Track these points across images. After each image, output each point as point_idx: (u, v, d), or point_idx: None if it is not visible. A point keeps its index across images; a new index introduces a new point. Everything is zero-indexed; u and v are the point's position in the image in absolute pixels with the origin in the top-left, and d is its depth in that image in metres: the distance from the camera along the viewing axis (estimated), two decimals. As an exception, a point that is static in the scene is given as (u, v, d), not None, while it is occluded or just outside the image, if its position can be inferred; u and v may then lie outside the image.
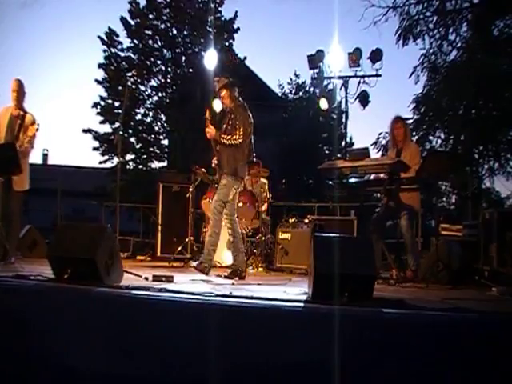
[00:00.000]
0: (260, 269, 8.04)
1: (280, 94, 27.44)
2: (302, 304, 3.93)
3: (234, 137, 6.47)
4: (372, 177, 6.88)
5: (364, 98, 11.53)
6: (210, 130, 6.61)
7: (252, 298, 4.02)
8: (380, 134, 15.74)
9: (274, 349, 3.45)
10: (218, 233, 6.58)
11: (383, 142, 15.21)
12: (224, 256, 8.22)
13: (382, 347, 3.28)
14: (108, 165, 22.17)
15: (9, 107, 6.90)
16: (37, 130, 6.72)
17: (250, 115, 6.73)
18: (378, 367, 3.25)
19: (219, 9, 23.18)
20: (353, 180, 6.89)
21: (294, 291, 4.93)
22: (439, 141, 16.40)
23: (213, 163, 6.90)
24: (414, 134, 14.61)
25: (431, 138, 16.37)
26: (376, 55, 11.13)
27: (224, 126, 6.68)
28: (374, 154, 14.16)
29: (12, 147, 6.49)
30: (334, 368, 3.18)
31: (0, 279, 4.79)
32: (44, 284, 4.53)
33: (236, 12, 23.20)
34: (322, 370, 3.23)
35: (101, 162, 22.23)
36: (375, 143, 15.94)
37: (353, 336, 3.33)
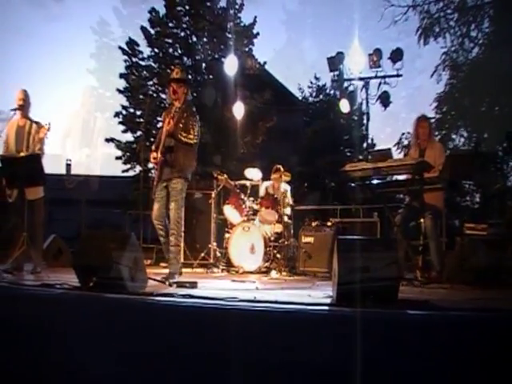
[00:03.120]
0: (283, 273, 8.01)
1: (300, 98, 27.42)
2: (326, 307, 3.91)
3: (190, 136, 6.25)
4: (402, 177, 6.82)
5: (385, 99, 11.46)
6: (172, 124, 6.26)
7: (276, 302, 4.01)
8: (402, 134, 15.67)
9: (300, 353, 3.42)
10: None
11: (405, 143, 15.13)
12: (246, 261, 8.20)
13: (408, 349, 3.23)
14: (131, 173, 22.31)
15: (15, 119, 6.96)
16: (48, 129, 6.74)
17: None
18: (404, 370, 3.20)
19: (238, 15, 23.24)
20: (375, 181, 6.84)
21: (318, 295, 4.90)
22: (462, 139, 16.28)
23: (152, 157, 6.42)
24: (436, 133, 14.50)
25: (454, 136, 16.26)
26: (396, 55, 11.04)
27: (176, 123, 6.31)
28: (397, 154, 14.09)
29: (36, 159, 6.57)
30: (360, 371, 3.15)
31: (27, 288, 4.86)
32: (70, 292, 4.57)
33: (255, 17, 23.24)
34: (348, 374, 3.19)
35: (123, 171, 22.37)
36: (397, 144, 15.87)
37: (378, 339, 3.29)
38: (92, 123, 34.93)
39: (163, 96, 23.01)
